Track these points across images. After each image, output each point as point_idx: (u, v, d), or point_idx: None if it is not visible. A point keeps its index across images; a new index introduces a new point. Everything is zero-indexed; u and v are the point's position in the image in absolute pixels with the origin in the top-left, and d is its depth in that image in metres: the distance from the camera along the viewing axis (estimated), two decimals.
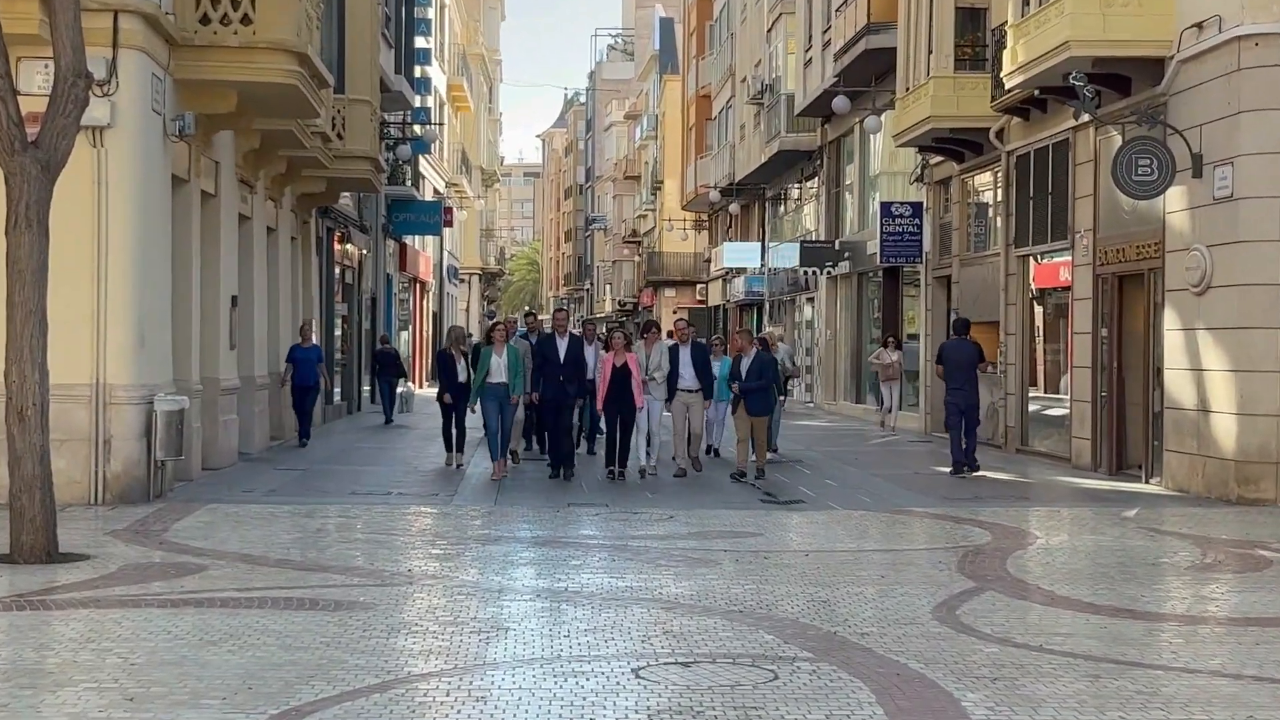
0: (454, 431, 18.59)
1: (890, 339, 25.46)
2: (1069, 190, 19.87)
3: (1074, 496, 16.51)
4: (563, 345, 17.55)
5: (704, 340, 19.61)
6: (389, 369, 30.77)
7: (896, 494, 16.44)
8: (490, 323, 18.63)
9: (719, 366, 18.90)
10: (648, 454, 17.41)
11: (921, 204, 26.75)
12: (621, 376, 16.95)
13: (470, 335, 47.04)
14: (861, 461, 20.37)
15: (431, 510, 14.53)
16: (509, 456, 18.10)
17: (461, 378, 18.16)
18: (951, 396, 18.58)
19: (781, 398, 20.40)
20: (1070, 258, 19.94)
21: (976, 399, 18.55)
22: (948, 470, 18.63)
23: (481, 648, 8.02)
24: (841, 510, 14.87)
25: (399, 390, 31.25)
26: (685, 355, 17.64)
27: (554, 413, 17.52)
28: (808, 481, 17.54)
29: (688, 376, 17.58)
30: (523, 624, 8.76)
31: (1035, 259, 21.82)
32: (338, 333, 30.03)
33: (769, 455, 18.61)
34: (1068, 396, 20.23)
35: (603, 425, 22.66)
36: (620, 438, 17.12)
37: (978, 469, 18.44)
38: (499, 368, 17.21)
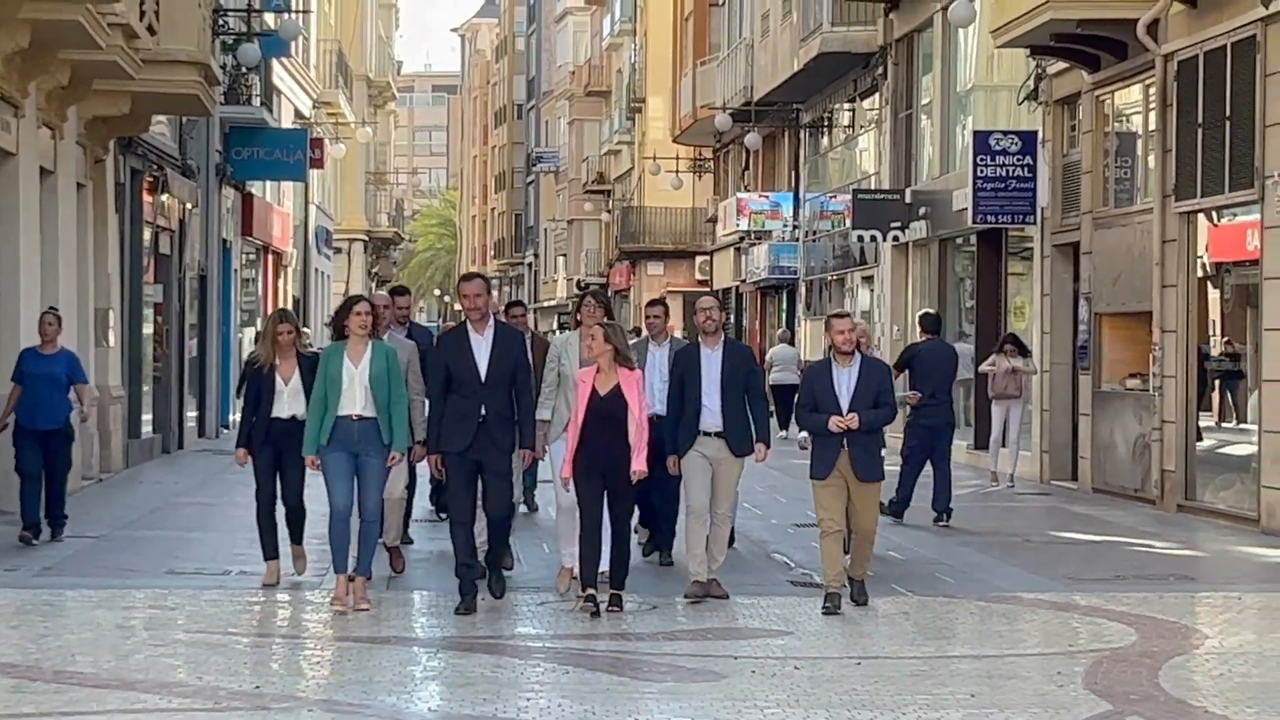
0: (276, 515, 15.18)
1: (1011, 339, 25.62)
2: (1255, 114, 20.06)
3: (1262, 576, 16.68)
4: (483, 346, 13.87)
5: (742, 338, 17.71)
6: None
7: (997, 571, 16.62)
8: (343, 302, 14.46)
9: None
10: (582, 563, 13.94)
11: (1035, 134, 26.94)
12: (609, 412, 13.70)
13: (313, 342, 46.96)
14: (944, 524, 20.52)
15: (290, 597, 14.63)
16: (367, 568, 14.05)
17: (288, 410, 14.72)
18: (925, 417, 20.27)
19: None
20: (1259, 216, 20.13)
21: (953, 419, 20.99)
22: (889, 518, 19.58)
23: None
24: (912, 596, 15.05)
25: None
26: (711, 366, 14.53)
27: (465, 482, 13.87)
28: None
29: (712, 405, 14.49)
30: None
31: (1211, 217, 21.96)
32: (147, 329, 30.11)
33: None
34: (1255, 427, 20.41)
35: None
36: (614, 534, 13.92)
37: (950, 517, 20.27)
38: (356, 385, 13.80)
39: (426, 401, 14.43)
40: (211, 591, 14.75)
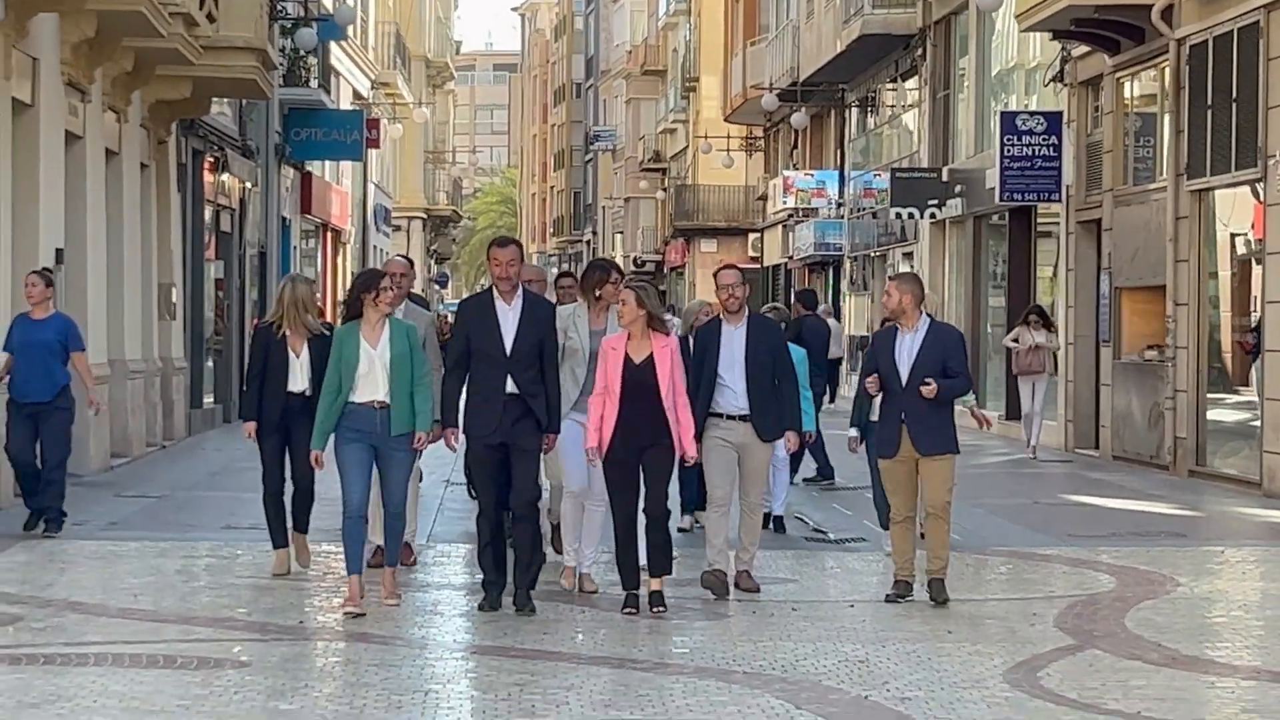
0: (284, 500, 14.08)
1: (1035, 311, 26.31)
2: (1259, 96, 20.95)
3: (1252, 533, 17.68)
4: (509, 316, 12.35)
5: (772, 315, 16.41)
6: None
7: (1000, 530, 17.61)
8: (360, 275, 13.08)
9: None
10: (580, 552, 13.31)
11: (1060, 115, 27.70)
12: (644, 382, 12.33)
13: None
14: (960, 488, 21.31)
15: (334, 549, 15.48)
16: (395, 558, 12.79)
17: (298, 385, 13.53)
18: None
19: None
20: (1262, 194, 21.01)
21: (824, 390, 24.42)
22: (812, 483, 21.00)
23: (390, 716, 9.21)
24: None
25: None
26: (735, 344, 13.16)
27: (496, 470, 12.38)
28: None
29: (735, 386, 13.11)
30: (449, 686, 10.02)
31: (1257, 195, 22.61)
32: (208, 304, 31.09)
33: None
34: (1258, 395, 21.32)
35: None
36: (649, 518, 12.50)
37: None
38: (376, 368, 12.28)
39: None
40: (265, 544, 15.49)
